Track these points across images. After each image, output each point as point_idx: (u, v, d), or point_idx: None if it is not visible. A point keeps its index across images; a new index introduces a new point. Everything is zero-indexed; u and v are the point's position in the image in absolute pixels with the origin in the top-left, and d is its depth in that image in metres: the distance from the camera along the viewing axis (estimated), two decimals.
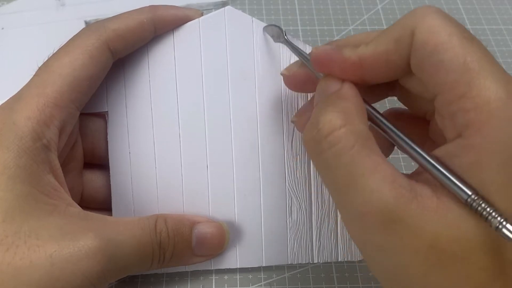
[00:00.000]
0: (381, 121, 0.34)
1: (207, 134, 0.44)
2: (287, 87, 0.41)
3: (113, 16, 0.42)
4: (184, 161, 0.44)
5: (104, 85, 0.44)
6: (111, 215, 0.44)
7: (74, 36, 0.41)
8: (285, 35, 0.42)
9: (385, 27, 0.68)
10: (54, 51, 0.40)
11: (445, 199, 0.30)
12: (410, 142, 0.33)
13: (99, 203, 0.45)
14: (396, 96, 0.38)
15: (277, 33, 0.43)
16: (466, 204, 0.29)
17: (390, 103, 0.50)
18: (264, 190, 0.45)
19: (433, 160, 0.31)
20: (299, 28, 0.67)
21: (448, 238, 0.29)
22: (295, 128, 0.45)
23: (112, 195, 0.44)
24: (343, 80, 0.34)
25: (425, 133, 0.37)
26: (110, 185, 0.45)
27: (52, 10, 0.64)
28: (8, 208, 0.35)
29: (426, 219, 0.29)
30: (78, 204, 0.38)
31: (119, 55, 0.42)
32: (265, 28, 0.44)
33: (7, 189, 0.35)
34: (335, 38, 0.66)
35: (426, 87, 0.32)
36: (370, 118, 0.34)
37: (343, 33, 0.66)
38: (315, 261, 0.45)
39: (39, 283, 0.34)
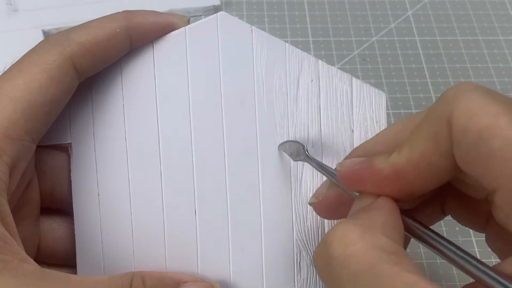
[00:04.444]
0: (431, 237, 0.34)
1: (195, 172, 0.45)
2: (320, 216, 0.41)
3: (78, 25, 0.42)
4: (167, 205, 0.45)
5: (67, 111, 0.44)
6: (75, 272, 0.44)
7: (30, 50, 0.41)
8: (307, 150, 0.43)
9: (417, 38, 0.69)
10: (5, 69, 0.40)
11: None
12: (474, 262, 0.32)
13: (60, 258, 0.45)
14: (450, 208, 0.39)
15: (296, 149, 0.44)
16: None
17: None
18: (266, 242, 0.45)
19: (502, 278, 0.30)
20: (310, 39, 0.67)
21: None
22: (305, 164, 0.45)
23: (76, 248, 0.44)
24: (379, 196, 0.35)
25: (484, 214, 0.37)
26: (73, 235, 0.45)
27: (2, 17, 0.65)
28: None
29: None
30: (34, 260, 0.38)
31: (86, 74, 0.42)
32: (280, 146, 0.45)
33: None
34: (355, 52, 0.67)
35: (482, 184, 0.32)
36: (414, 233, 0.35)
37: (365, 45, 0.67)
38: None
39: None
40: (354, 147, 0.45)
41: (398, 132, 0.37)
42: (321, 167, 0.41)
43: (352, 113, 0.46)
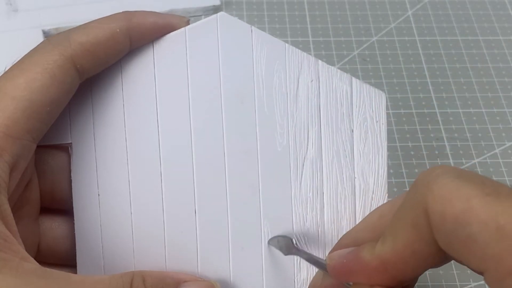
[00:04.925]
0: None
1: (195, 172, 0.45)
2: None
3: (79, 26, 0.42)
4: (167, 205, 0.45)
5: (68, 111, 0.44)
6: (75, 272, 0.44)
7: (31, 50, 0.41)
8: (296, 244, 0.44)
9: (417, 38, 0.69)
10: (6, 69, 0.41)
11: None
12: None
13: (60, 258, 0.45)
14: None
15: (285, 244, 0.44)
16: None
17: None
18: (267, 242, 0.45)
19: None
20: (310, 39, 0.68)
21: None
22: (304, 164, 0.45)
23: (76, 247, 0.45)
24: (372, 286, 0.35)
25: None
26: (73, 234, 0.45)
27: (2, 17, 0.65)
28: None
29: None
30: (34, 259, 0.38)
31: (87, 75, 0.42)
32: (269, 242, 0.45)
33: None
34: (355, 52, 0.67)
35: (469, 266, 0.32)
36: None
37: (365, 45, 0.67)
38: None
39: None
40: (354, 147, 0.45)
41: (382, 216, 0.38)
42: (312, 260, 0.42)
43: (352, 113, 0.46)
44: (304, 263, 0.45)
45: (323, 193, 0.45)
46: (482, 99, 0.67)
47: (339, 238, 0.45)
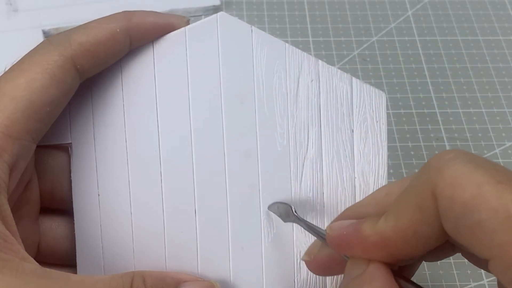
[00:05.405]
0: None
1: (195, 172, 0.45)
2: (313, 273, 0.42)
3: (78, 26, 0.42)
4: (167, 205, 0.45)
5: (68, 111, 0.44)
6: (75, 272, 0.44)
7: (31, 50, 0.41)
8: (295, 212, 0.43)
9: (417, 38, 0.69)
10: (6, 69, 0.41)
11: None
12: None
13: (60, 258, 0.45)
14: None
15: (285, 210, 0.44)
16: None
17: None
18: (267, 242, 0.45)
19: None
20: (310, 39, 0.68)
21: None
22: (305, 164, 0.45)
23: (76, 247, 0.45)
24: (370, 261, 0.35)
25: None
26: (73, 234, 0.45)
27: (2, 17, 0.65)
28: None
29: None
30: (34, 259, 0.38)
31: (87, 75, 0.42)
32: (269, 207, 0.45)
33: None
34: (355, 52, 0.67)
35: (474, 252, 0.32)
36: None
37: (365, 45, 0.67)
38: None
39: None
40: (354, 147, 0.45)
41: (389, 194, 0.38)
42: (311, 229, 0.42)
43: (352, 113, 0.46)
44: (304, 263, 0.45)
45: (323, 193, 0.45)
46: (482, 99, 0.67)
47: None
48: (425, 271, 0.55)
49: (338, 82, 0.46)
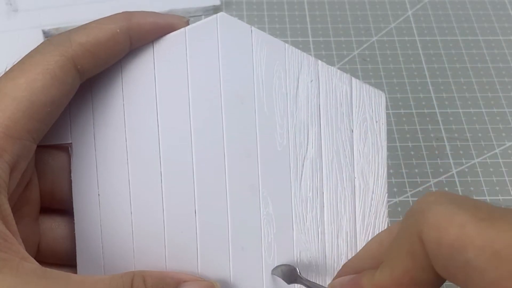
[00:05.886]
0: None
1: (195, 172, 0.45)
2: None
3: (79, 27, 0.42)
4: (167, 205, 0.45)
5: (68, 112, 0.44)
6: (75, 272, 0.45)
7: (32, 51, 0.41)
8: (300, 273, 0.44)
9: (417, 38, 0.69)
10: (7, 69, 0.41)
11: None
12: None
13: (60, 258, 0.46)
14: None
15: (289, 272, 0.44)
16: None
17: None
18: (266, 242, 0.45)
19: None
20: (310, 39, 0.68)
21: None
22: (304, 164, 0.45)
23: (76, 247, 0.45)
24: None
25: None
26: (73, 234, 0.45)
27: (2, 17, 0.65)
28: None
29: None
30: (34, 259, 0.38)
31: (87, 75, 0.42)
32: (273, 271, 0.45)
33: None
34: (355, 52, 0.67)
35: None
36: None
37: (365, 45, 0.68)
38: None
39: None
40: (354, 147, 0.46)
41: (381, 244, 0.38)
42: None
43: (352, 113, 0.46)
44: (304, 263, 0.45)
45: (323, 193, 0.46)
46: (482, 99, 0.67)
47: (340, 237, 0.45)
48: None
49: (337, 82, 0.46)
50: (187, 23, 0.45)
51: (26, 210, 0.44)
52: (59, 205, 0.46)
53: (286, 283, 0.45)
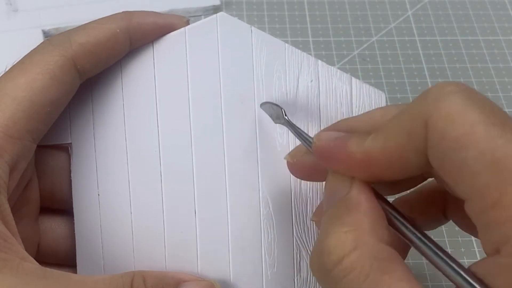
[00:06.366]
0: (406, 228, 0.35)
1: (195, 172, 0.45)
2: (292, 175, 0.42)
3: (79, 27, 0.42)
4: (167, 205, 0.45)
5: (68, 112, 0.44)
6: (75, 272, 0.45)
7: (32, 51, 0.41)
8: (285, 115, 0.43)
9: (417, 38, 0.69)
10: (7, 69, 0.41)
11: None
12: (445, 258, 0.32)
13: (60, 258, 0.46)
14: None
15: (277, 112, 0.44)
16: None
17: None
18: (266, 242, 0.45)
19: (472, 280, 0.31)
20: (310, 39, 0.68)
21: None
22: None
23: (76, 247, 0.45)
24: (352, 178, 0.35)
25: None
26: (73, 234, 0.45)
27: (2, 17, 0.65)
28: None
29: None
30: (34, 259, 0.38)
31: (87, 75, 0.42)
32: (262, 106, 0.45)
33: None
34: (355, 52, 0.67)
35: (453, 189, 0.32)
36: (391, 223, 0.35)
37: (365, 45, 0.67)
38: None
39: None
40: None
41: (384, 115, 0.37)
42: (299, 134, 0.41)
43: (352, 113, 0.46)
44: (304, 263, 0.45)
45: (323, 193, 0.45)
46: None
47: None
48: (425, 271, 0.55)
49: (337, 82, 0.46)
50: (187, 23, 0.45)
51: (26, 210, 0.44)
52: (59, 205, 0.46)
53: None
